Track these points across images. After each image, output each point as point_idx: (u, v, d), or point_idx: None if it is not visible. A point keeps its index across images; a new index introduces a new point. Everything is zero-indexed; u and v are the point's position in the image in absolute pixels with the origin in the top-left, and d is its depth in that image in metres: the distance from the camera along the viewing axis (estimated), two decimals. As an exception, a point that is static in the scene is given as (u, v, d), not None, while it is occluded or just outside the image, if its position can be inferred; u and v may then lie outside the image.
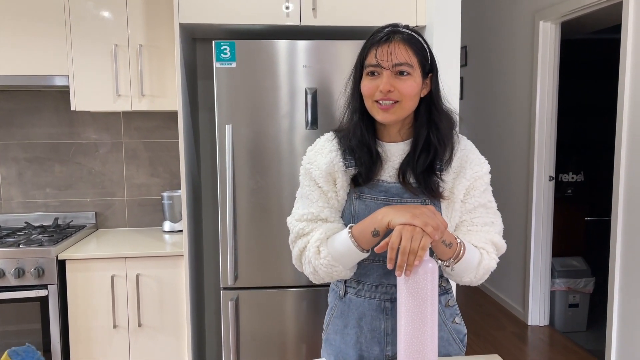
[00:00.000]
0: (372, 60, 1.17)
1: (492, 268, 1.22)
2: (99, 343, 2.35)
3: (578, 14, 3.26)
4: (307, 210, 1.25)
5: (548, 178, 3.71)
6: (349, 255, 1.17)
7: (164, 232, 2.72)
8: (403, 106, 1.18)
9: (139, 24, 2.43)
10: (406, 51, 1.16)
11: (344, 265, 1.19)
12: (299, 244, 1.25)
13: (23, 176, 2.78)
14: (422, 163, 1.20)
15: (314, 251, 1.20)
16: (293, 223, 1.27)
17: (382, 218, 1.10)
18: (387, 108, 1.16)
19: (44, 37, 2.40)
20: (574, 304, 3.71)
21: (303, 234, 1.24)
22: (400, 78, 1.16)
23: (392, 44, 1.16)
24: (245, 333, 2.22)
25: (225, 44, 2.10)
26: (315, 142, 1.32)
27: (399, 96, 1.16)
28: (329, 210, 1.24)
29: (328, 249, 1.19)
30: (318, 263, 1.19)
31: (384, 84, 1.15)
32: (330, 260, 1.18)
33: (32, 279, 2.23)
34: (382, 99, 1.16)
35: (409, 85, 1.16)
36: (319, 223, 1.24)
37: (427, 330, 1.06)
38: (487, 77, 4.51)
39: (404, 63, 1.16)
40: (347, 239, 1.15)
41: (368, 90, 1.18)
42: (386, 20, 2.19)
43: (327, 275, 1.21)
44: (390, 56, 1.15)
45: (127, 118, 2.80)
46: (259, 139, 2.15)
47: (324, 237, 1.20)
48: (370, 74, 1.18)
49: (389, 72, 1.15)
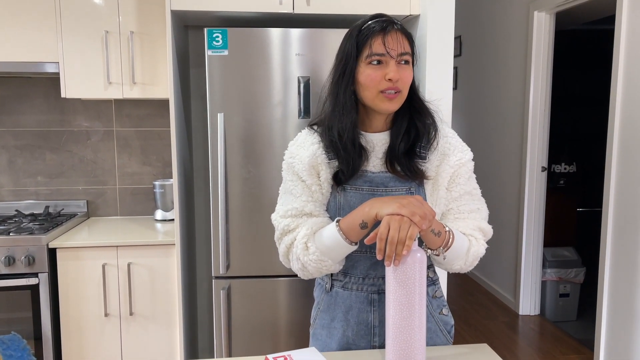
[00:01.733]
0: (380, 49, 1.15)
1: (481, 254, 1.23)
2: (90, 331, 2.34)
3: (573, 4, 3.26)
4: (291, 206, 1.24)
5: (540, 169, 3.72)
6: (338, 249, 1.17)
7: (156, 221, 2.71)
8: (404, 95, 1.19)
9: (130, 11, 2.40)
10: (406, 41, 1.18)
11: (333, 259, 1.19)
12: (285, 241, 1.23)
13: (14, 164, 2.76)
14: (404, 146, 1.21)
15: (302, 247, 1.19)
16: (278, 220, 1.25)
17: (369, 210, 1.10)
18: (392, 97, 1.16)
19: (33, 23, 2.37)
20: (564, 293, 3.74)
21: (289, 231, 1.23)
22: (402, 67, 1.16)
23: (398, 33, 1.16)
24: (237, 322, 2.22)
25: (218, 32, 2.08)
26: (297, 137, 1.31)
27: (402, 85, 1.17)
28: (313, 204, 1.23)
29: (316, 244, 1.18)
30: (307, 259, 1.18)
31: (394, 72, 1.14)
32: (319, 255, 1.17)
33: (23, 267, 2.22)
34: (389, 88, 1.15)
35: (409, 74, 1.18)
36: (304, 218, 1.22)
37: (415, 320, 1.07)
38: (481, 67, 4.50)
39: (407, 52, 1.17)
40: (335, 233, 1.15)
41: (373, 80, 1.16)
42: (380, 9, 2.18)
43: (317, 270, 1.20)
44: (399, 45, 1.15)
45: (119, 106, 2.78)
46: (251, 128, 2.14)
47: (310, 233, 1.19)
48: (376, 62, 1.16)
49: (394, 61, 1.15)
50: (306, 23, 2.38)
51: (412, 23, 2.29)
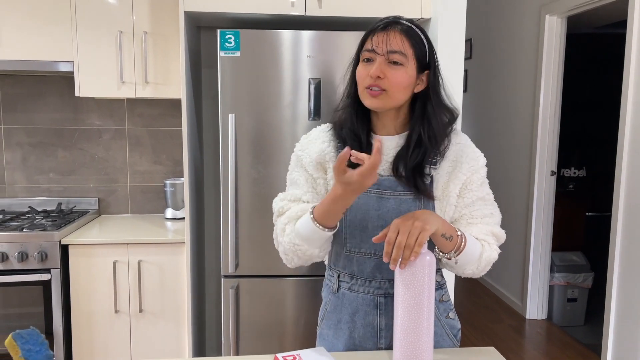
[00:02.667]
0: (368, 45, 1.18)
1: (494, 259, 1.23)
2: (100, 327, 2.37)
3: (584, 8, 3.25)
4: (290, 192, 1.28)
5: (550, 173, 3.71)
6: (314, 235, 1.18)
7: (166, 219, 2.74)
8: (390, 95, 1.17)
9: (144, 11, 2.43)
10: (402, 41, 1.16)
11: (309, 244, 1.20)
12: (278, 223, 1.27)
13: (27, 161, 2.80)
14: (414, 159, 1.20)
15: (281, 228, 1.23)
16: (276, 202, 1.29)
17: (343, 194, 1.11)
18: (375, 94, 1.17)
19: (49, 23, 2.41)
20: (572, 298, 3.73)
21: (282, 213, 1.26)
22: (392, 67, 1.16)
23: (389, 32, 1.17)
24: (245, 320, 2.24)
25: (230, 33, 2.10)
26: (311, 131, 1.34)
27: (387, 85, 1.16)
28: (312, 194, 1.26)
29: (294, 227, 1.21)
30: (282, 240, 1.22)
31: (374, 69, 1.15)
32: (293, 237, 1.20)
33: (35, 263, 2.26)
34: (370, 84, 1.16)
35: (399, 75, 1.16)
36: (298, 203, 1.26)
37: (423, 323, 1.08)
38: (491, 70, 4.50)
39: (397, 51, 1.15)
40: (309, 221, 1.17)
41: (360, 75, 1.19)
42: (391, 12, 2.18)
43: (295, 255, 1.23)
44: (385, 43, 1.15)
45: (131, 105, 2.81)
46: (262, 129, 2.16)
47: (294, 216, 1.22)
48: (366, 60, 1.18)
49: (382, 58, 1.16)
50: (317, 25, 2.39)
51: (424, 26, 2.30)
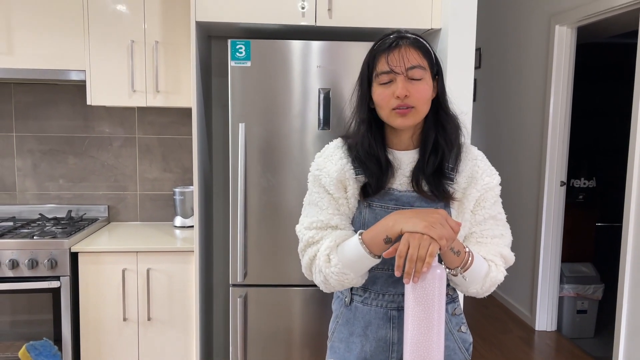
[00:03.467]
0: (384, 67, 1.15)
1: (500, 281, 1.21)
2: (109, 335, 2.38)
3: (594, 19, 3.24)
4: (316, 218, 1.23)
5: (560, 183, 3.69)
6: (361, 262, 1.16)
7: (175, 227, 2.74)
8: (418, 110, 1.17)
9: (155, 21, 2.45)
10: (417, 54, 1.16)
11: (355, 272, 1.18)
12: (308, 253, 1.23)
13: (38, 168, 2.82)
14: (432, 165, 1.20)
15: (324, 259, 1.18)
16: (302, 231, 1.25)
17: (394, 225, 1.09)
18: (404, 113, 1.16)
19: (62, 32, 2.43)
20: (582, 310, 3.69)
21: (313, 242, 1.22)
22: (413, 83, 1.15)
23: (402, 48, 1.16)
24: (253, 330, 2.24)
25: (241, 43, 2.11)
26: (324, 149, 1.31)
27: (414, 101, 1.15)
28: (339, 217, 1.23)
29: (338, 256, 1.17)
30: (329, 271, 1.18)
31: (400, 89, 1.14)
32: (341, 268, 1.16)
33: (45, 270, 2.27)
34: (398, 105, 1.15)
35: (422, 89, 1.16)
36: (329, 230, 1.22)
37: (434, 337, 1.07)
38: (501, 80, 4.49)
39: (416, 66, 1.15)
40: (358, 246, 1.14)
41: (383, 99, 1.17)
42: (401, 23, 2.20)
43: (339, 283, 1.19)
44: (402, 60, 1.14)
45: (142, 113, 2.83)
46: (272, 138, 2.16)
47: (333, 245, 1.18)
48: (382, 81, 1.17)
49: (402, 77, 1.15)
50: (327, 35, 2.40)
51: (434, 37, 2.30)
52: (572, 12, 3.40)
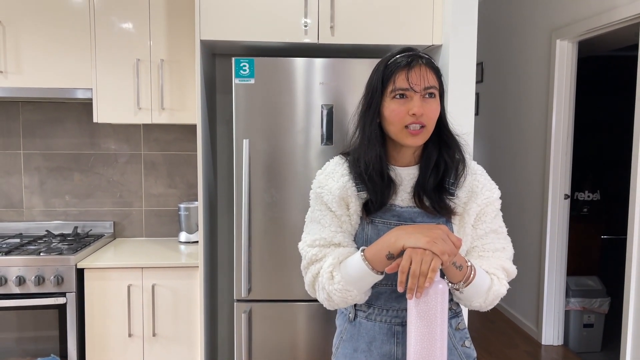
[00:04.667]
0: (403, 83, 1.16)
1: (502, 294, 1.22)
2: (114, 351, 2.38)
3: (595, 33, 3.27)
4: (319, 236, 1.24)
5: (563, 196, 3.69)
6: (364, 279, 1.16)
7: (180, 243, 2.76)
8: (428, 129, 1.19)
9: (161, 40, 2.49)
10: (432, 74, 1.19)
11: (358, 289, 1.18)
12: (311, 270, 1.24)
13: (44, 185, 2.85)
14: (433, 181, 1.21)
15: (327, 277, 1.19)
16: (305, 249, 1.26)
17: (396, 241, 1.10)
18: (417, 132, 1.17)
19: (69, 51, 2.48)
20: (588, 324, 3.66)
21: (316, 260, 1.23)
22: (427, 101, 1.17)
23: (422, 67, 1.17)
24: (258, 345, 2.24)
25: (245, 61, 2.14)
26: (325, 166, 1.32)
27: (426, 120, 1.17)
28: (342, 235, 1.24)
29: (341, 273, 1.18)
30: (332, 288, 1.18)
31: (417, 107, 1.15)
32: (345, 285, 1.17)
33: (52, 286, 2.28)
34: (412, 122, 1.16)
35: (435, 108, 1.19)
36: (332, 248, 1.23)
37: (437, 352, 1.08)
38: (503, 94, 4.51)
39: (433, 86, 1.18)
40: (361, 262, 1.15)
41: (397, 115, 1.17)
42: (403, 40, 2.23)
43: (342, 300, 1.20)
44: (422, 80, 1.16)
45: (147, 130, 2.86)
46: (275, 154, 2.19)
47: (336, 262, 1.19)
48: (398, 97, 1.17)
49: (419, 95, 1.16)
50: (330, 52, 2.44)
51: (434, 53, 2.33)
52: (573, 27, 3.43)
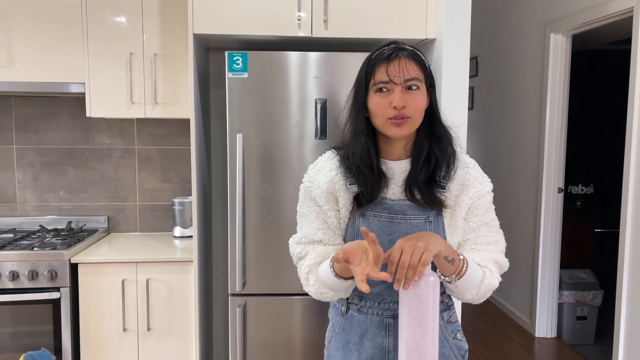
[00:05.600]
0: (383, 76, 1.17)
1: (495, 287, 1.22)
2: (108, 346, 2.38)
3: (589, 27, 3.27)
4: (303, 233, 1.29)
5: (557, 190, 3.71)
6: (335, 284, 1.20)
7: (174, 238, 2.76)
8: (413, 120, 1.19)
9: (154, 33, 2.48)
10: (414, 66, 1.18)
11: (333, 291, 1.23)
12: (299, 266, 1.29)
13: (38, 180, 2.84)
14: (424, 174, 1.22)
15: (304, 277, 1.25)
16: (293, 246, 1.31)
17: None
18: (400, 123, 1.17)
19: (61, 45, 2.46)
20: (582, 316, 3.69)
21: (301, 257, 1.28)
22: (409, 93, 1.17)
23: (401, 60, 1.17)
24: (253, 339, 2.24)
25: (238, 55, 2.14)
26: (317, 160, 1.33)
27: (410, 112, 1.17)
28: (324, 232, 1.26)
29: (315, 276, 1.23)
30: (308, 290, 1.25)
31: (398, 99, 1.15)
32: (319, 287, 1.23)
33: (46, 281, 2.28)
34: (395, 115, 1.17)
35: (419, 100, 1.18)
36: (314, 245, 1.27)
37: (428, 344, 1.08)
38: (497, 88, 4.52)
39: (414, 78, 1.18)
40: (328, 270, 1.19)
41: (380, 108, 1.18)
42: (397, 33, 2.23)
43: (322, 298, 1.25)
44: (402, 72, 1.16)
45: (141, 124, 2.85)
46: (269, 148, 2.18)
47: (313, 264, 1.23)
48: (379, 90, 1.18)
49: (400, 87, 1.16)
50: (324, 46, 2.43)
51: (428, 47, 2.33)
52: (567, 20, 3.43)
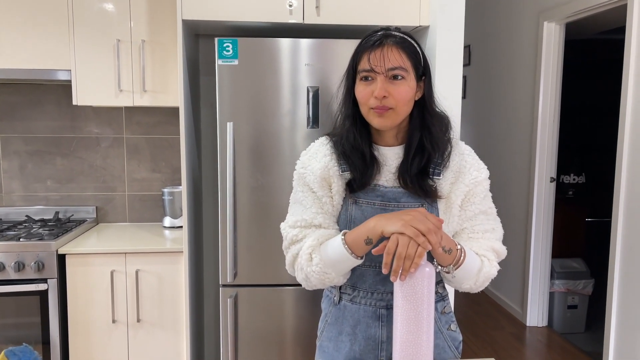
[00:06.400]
0: (366, 65, 1.14)
1: (493, 275, 1.21)
2: (98, 337, 2.35)
3: (583, 15, 3.25)
4: (300, 217, 1.24)
5: (549, 179, 3.71)
6: (342, 262, 1.16)
7: (164, 228, 2.72)
8: (398, 112, 1.16)
9: (142, 20, 2.43)
10: (399, 55, 1.14)
11: (336, 272, 1.18)
12: (292, 250, 1.24)
13: (24, 169, 2.78)
14: (416, 166, 1.19)
15: (306, 258, 1.19)
16: (286, 230, 1.26)
17: (375, 226, 1.10)
18: (381, 113, 1.15)
19: (47, 31, 2.40)
20: (572, 305, 3.71)
21: (296, 241, 1.23)
22: (394, 83, 1.14)
23: (384, 48, 1.14)
24: (244, 330, 2.22)
25: (228, 41, 2.09)
26: (310, 147, 1.31)
27: (393, 103, 1.14)
28: (323, 216, 1.23)
29: (320, 255, 1.18)
30: (310, 270, 1.19)
31: (378, 89, 1.13)
32: (323, 267, 1.17)
33: (32, 272, 2.24)
34: (377, 106, 1.14)
35: (403, 90, 1.15)
36: (312, 229, 1.23)
37: (423, 335, 1.07)
38: (490, 76, 4.50)
39: (397, 67, 1.14)
40: (341, 246, 1.15)
41: (363, 96, 1.16)
42: (390, 20, 2.19)
43: (319, 282, 1.20)
44: (384, 60, 1.13)
45: (129, 113, 2.80)
46: (260, 137, 2.15)
47: (316, 244, 1.19)
48: (364, 79, 1.16)
49: (382, 76, 1.13)
50: (316, 33, 2.39)
51: (422, 34, 2.30)
52: (560, 9, 3.41)
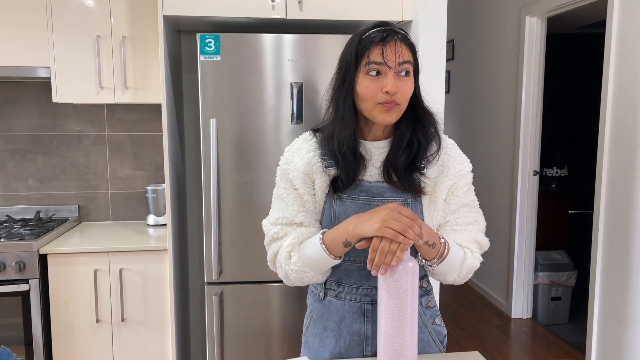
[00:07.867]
0: (378, 58, 1.12)
1: (476, 267, 1.22)
2: (81, 337, 2.33)
3: (564, 9, 3.28)
4: (281, 214, 1.23)
5: (533, 172, 3.74)
6: (320, 262, 1.17)
7: (148, 226, 2.70)
8: (402, 108, 1.16)
9: (122, 15, 2.39)
10: (407, 50, 1.15)
11: (315, 271, 1.19)
12: (272, 247, 1.24)
13: (4, 168, 2.74)
14: (405, 160, 1.19)
15: (285, 256, 1.19)
16: (268, 226, 1.26)
17: (354, 229, 1.10)
18: (390, 108, 1.14)
19: (25, 27, 2.36)
20: (556, 297, 3.76)
21: (277, 238, 1.23)
22: (401, 79, 1.14)
23: (397, 43, 1.13)
24: (230, 328, 2.21)
25: (210, 37, 2.07)
26: (293, 142, 1.30)
27: (400, 98, 1.14)
28: (304, 214, 1.23)
29: (299, 254, 1.18)
30: (289, 268, 1.19)
31: (391, 84, 1.11)
32: (301, 265, 1.18)
33: (13, 273, 2.21)
34: (386, 101, 1.13)
35: (409, 86, 1.15)
36: (294, 227, 1.23)
37: (407, 330, 1.07)
38: (473, 71, 4.52)
39: (407, 61, 1.14)
40: (319, 246, 1.15)
41: (370, 92, 1.14)
42: (373, 15, 2.19)
43: (298, 280, 1.21)
44: (397, 54, 1.12)
45: (111, 110, 2.76)
46: (244, 133, 2.13)
47: (295, 242, 1.19)
48: (372, 73, 1.13)
49: (393, 72, 1.13)
50: (299, 29, 2.38)
51: (404, 29, 2.29)
52: (542, 3, 3.43)
